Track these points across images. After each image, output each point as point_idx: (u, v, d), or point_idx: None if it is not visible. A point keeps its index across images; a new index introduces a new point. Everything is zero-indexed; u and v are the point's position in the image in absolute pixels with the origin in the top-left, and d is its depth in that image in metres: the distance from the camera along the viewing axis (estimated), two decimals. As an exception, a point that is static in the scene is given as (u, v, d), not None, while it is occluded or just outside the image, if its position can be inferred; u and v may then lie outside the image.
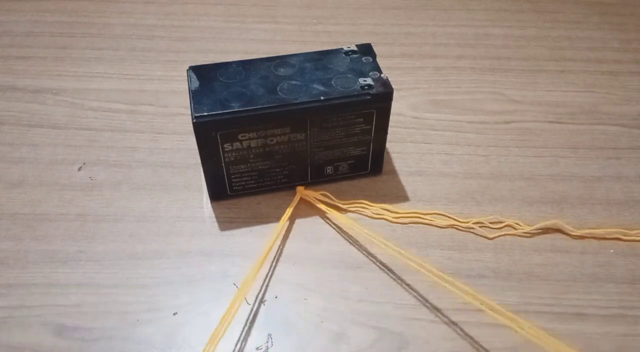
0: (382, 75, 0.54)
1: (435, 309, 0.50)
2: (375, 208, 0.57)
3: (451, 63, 0.77)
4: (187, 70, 0.55)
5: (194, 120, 0.50)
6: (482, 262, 0.54)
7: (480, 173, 0.62)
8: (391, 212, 0.57)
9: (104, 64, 0.75)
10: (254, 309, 0.50)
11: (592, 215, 0.57)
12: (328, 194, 0.57)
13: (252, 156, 0.54)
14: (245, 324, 0.49)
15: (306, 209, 0.57)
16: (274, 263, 0.54)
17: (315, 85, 0.53)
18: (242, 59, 0.56)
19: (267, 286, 0.52)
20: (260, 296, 0.51)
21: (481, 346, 0.47)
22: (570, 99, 0.72)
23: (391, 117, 0.56)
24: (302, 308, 0.50)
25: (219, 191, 0.57)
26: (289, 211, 0.56)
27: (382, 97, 0.53)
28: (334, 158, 0.57)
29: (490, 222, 0.57)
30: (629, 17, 0.85)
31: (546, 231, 0.56)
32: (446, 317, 0.49)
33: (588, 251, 0.55)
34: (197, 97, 0.52)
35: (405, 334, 0.48)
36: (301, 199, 0.57)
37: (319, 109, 0.52)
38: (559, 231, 0.56)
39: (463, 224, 0.56)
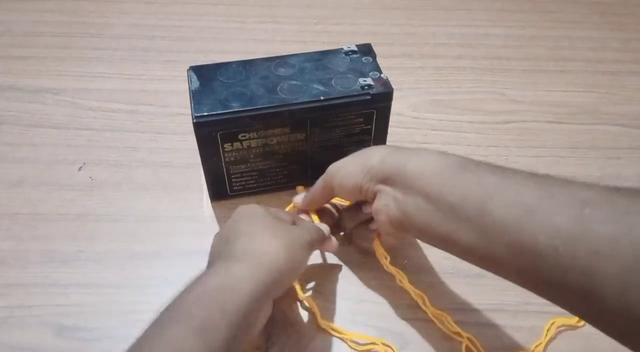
0: (382, 75, 0.54)
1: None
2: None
3: (451, 63, 0.77)
4: (187, 70, 0.55)
5: (194, 121, 0.50)
6: (482, 262, 0.53)
7: (480, 173, 0.62)
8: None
9: (104, 64, 0.75)
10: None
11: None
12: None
13: (252, 156, 0.54)
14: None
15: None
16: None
17: (315, 85, 0.53)
18: (242, 59, 0.56)
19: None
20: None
21: (481, 346, 0.47)
22: (570, 99, 0.72)
23: (391, 117, 0.56)
24: (302, 308, 0.50)
25: (219, 190, 0.57)
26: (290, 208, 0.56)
27: (382, 97, 0.53)
28: (334, 158, 0.57)
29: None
30: (629, 17, 0.85)
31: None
32: (446, 317, 0.49)
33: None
34: (197, 97, 0.52)
35: (405, 334, 0.48)
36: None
37: (319, 109, 0.52)
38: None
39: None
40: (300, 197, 0.53)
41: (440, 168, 0.40)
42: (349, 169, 0.46)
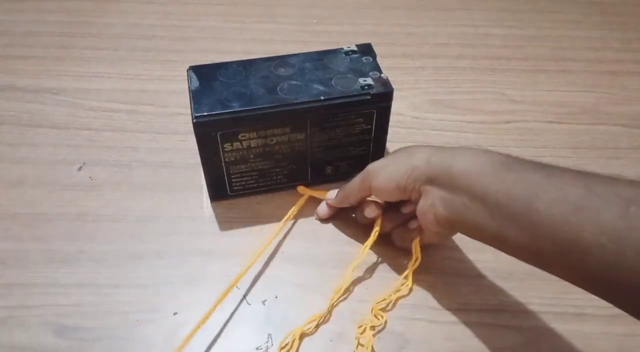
0: (382, 75, 0.54)
1: (435, 309, 0.50)
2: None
3: (451, 63, 0.77)
4: (187, 70, 0.55)
5: (194, 120, 0.50)
6: (482, 262, 0.53)
7: (480, 173, 0.62)
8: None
9: (104, 64, 0.75)
10: (254, 309, 0.50)
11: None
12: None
13: (252, 156, 0.54)
14: (245, 324, 0.49)
15: (307, 208, 0.57)
16: (274, 263, 0.54)
17: (315, 85, 0.53)
18: (242, 59, 0.56)
19: (267, 286, 0.52)
20: (260, 296, 0.51)
21: (481, 346, 0.47)
22: (570, 99, 0.72)
23: (391, 117, 0.56)
24: (302, 308, 0.50)
25: (219, 191, 0.57)
26: (294, 210, 0.56)
27: (382, 97, 0.53)
28: (334, 158, 0.57)
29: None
30: (629, 17, 0.85)
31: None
32: (446, 317, 0.49)
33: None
34: (197, 97, 0.52)
35: (405, 334, 0.48)
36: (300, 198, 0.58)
37: (319, 109, 0.52)
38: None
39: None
40: (332, 193, 0.54)
41: (486, 167, 0.41)
42: (391, 170, 0.47)
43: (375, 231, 0.51)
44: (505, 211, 0.39)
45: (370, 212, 0.51)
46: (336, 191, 0.54)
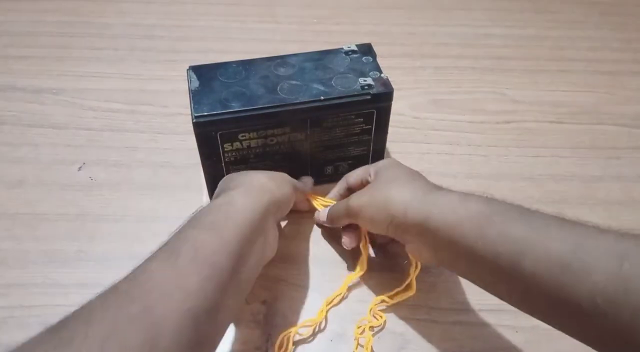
0: (382, 75, 0.54)
1: (435, 309, 0.50)
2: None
3: (452, 63, 0.77)
4: (187, 70, 0.55)
5: (194, 120, 0.50)
6: (482, 262, 0.53)
7: (481, 173, 0.62)
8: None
9: (104, 64, 0.75)
10: (254, 309, 0.50)
11: (592, 215, 0.57)
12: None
13: (252, 156, 0.54)
14: (245, 324, 0.49)
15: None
16: (274, 263, 0.53)
17: (315, 85, 0.53)
18: (242, 59, 0.56)
19: (267, 286, 0.52)
20: (260, 296, 0.51)
21: (481, 346, 0.47)
22: (571, 99, 0.72)
23: (391, 117, 0.56)
24: (302, 308, 0.50)
25: (219, 190, 0.57)
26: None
27: (382, 97, 0.53)
28: (334, 158, 0.57)
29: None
30: (629, 17, 0.85)
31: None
32: (446, 317, 0.49)
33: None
34: (197, 97, 0.52)
35: (405, 334, 0.48)
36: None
37: (319, 109, 0.52)
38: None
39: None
40: (323, 214, 0.53)
41: (466, 221, 0.39)
42: (371, 213, 0.46)
43: (362, 259, 0.52)
44: (492, 268, 0.38)
45: (347, 243, 0.51)
46: (324, 211, 0.53)
